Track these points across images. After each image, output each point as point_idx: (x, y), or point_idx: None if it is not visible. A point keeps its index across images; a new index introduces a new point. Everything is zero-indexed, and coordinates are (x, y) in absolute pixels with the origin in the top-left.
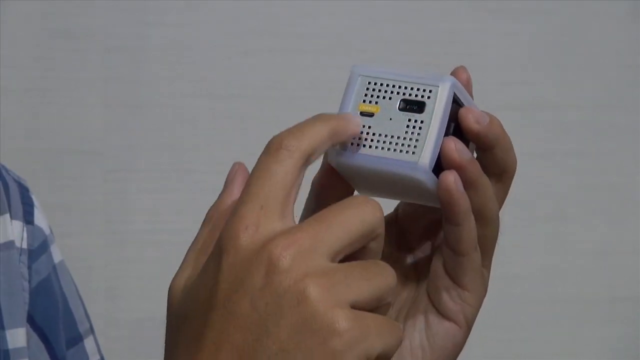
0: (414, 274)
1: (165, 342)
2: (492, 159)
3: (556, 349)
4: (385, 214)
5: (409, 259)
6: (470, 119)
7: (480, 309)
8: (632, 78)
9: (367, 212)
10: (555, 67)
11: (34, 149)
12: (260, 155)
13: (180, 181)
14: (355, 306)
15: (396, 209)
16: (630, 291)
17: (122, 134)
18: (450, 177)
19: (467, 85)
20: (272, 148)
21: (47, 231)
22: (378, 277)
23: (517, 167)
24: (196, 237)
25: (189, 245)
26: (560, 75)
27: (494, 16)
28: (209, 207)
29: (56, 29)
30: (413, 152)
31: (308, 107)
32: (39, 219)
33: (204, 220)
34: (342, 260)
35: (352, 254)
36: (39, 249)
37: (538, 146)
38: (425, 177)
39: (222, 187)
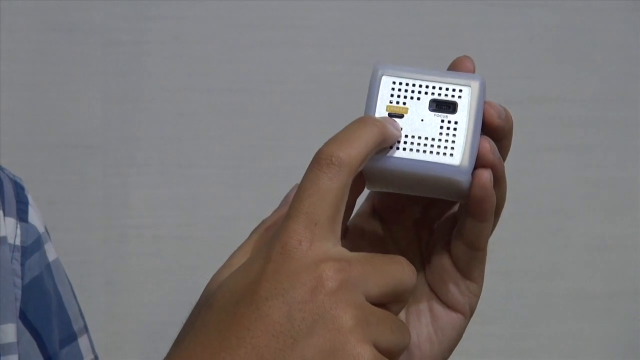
0: None
1: (183, 328)
2: (500, 150)
3: (556, 344)
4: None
5: (396, 249)
6: (494, 114)
7: (480, 303)
8: (634, 72)
9: (408, 275)
10: (557, 61)
11: (34, 144)
12: (311, 167)
13: (180, 176)
14: (377, 349)
15: (370, 201)
16: (631, 286)
17: (121, 129)
18: (487, 175)
19: None
20: (323, 162)
21: (41, 229)
22: (400, 333)
23: (518, 162)
24: (244, 242)
25: (189, 240)
26: (561, 69)
27: (496, 10)
28: (208, 202)
29: (55, 23)
30: (451, 155)
31: (309, 101)
32: (34, 217)
33: (255, 229)
34: None
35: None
36: (32, 246)
37: (539, 141)
38: (465, 179)
39: (222, 182)
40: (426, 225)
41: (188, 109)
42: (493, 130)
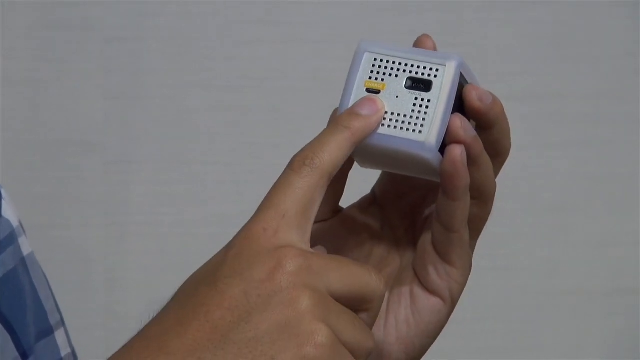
0: (397, 250)
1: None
2: (489, 140)
3: (556, 341)
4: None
5: (392, 236)
6: (474, 96)
7: (481, 300)
8: (634, 68)
9: (375, 281)
10: (557, 57)
11: (34, 141)
12: (284, 170)
13: (181, 173)
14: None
15: (373, 190)
16: (632, 283)
17: (122, 126)
18: (457, 151)
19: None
20: (295, 165)
21: (15, 223)
22: (363, 331)
23: (518, 158)
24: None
25: (190, 237)
26: (561, 65)
27: (495, 6)
28: (209, 199)
29: (55, 19)
30: (420, 132)
31: (308, 98)
32: (7, 211)
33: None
34: None
35: None
36: (5, 240)
37: (539, 137)
38: (432, 156)
39: (222, 179)
40: (423, 212)
41: (188, 105)
42: (475, 114)
